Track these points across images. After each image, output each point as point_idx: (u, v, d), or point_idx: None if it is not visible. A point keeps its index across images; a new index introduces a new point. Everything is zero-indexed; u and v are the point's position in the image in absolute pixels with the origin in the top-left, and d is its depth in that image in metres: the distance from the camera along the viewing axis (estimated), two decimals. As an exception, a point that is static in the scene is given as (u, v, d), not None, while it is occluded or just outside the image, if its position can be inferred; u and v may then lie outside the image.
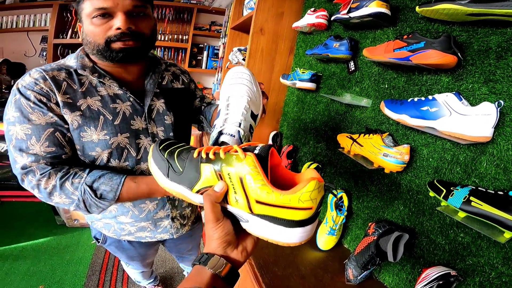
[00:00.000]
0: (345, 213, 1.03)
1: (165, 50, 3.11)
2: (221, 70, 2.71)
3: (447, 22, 0.73)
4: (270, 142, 1.68)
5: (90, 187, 0.63)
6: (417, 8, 0.71)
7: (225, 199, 0.36)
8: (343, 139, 1.01)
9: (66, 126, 0.65)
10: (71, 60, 0.69)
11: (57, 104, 0.63)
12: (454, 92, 0.66)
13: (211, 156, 0.36)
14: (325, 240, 1.03)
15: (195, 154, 0.38)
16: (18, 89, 0.62)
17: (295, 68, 1.46)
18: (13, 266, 1.73)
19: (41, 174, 0.63)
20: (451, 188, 0.66)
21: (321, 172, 1.22)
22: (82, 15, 0.62)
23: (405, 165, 0.80)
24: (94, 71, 0.68)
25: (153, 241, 0.93)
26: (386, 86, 0.92)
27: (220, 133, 0.55)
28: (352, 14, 0.90)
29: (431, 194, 0.70)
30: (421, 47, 0.71)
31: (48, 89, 0.62)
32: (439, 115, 0.66)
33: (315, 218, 0.33)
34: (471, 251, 0.68)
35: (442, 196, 0.66)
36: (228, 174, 0.34)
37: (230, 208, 0.36)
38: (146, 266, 1.23)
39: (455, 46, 0.66)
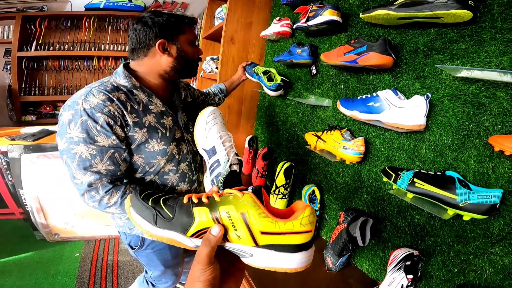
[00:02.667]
0: (319, 205, 1.10)
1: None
2: (195, 80, 2.76)
3: (385, 26, 0.83)
4: (246, 146, 1.74)
5: None
6: (360, 15, 0.80)
7: (223, 238, 0.37)
8: (309, 137, 1.09)
9: (123, 146, 0.73)
10: (120, 80, 0.77)
11: (122, 126, 0.72)
12: (392, 89, 0.75)
13: (204, 200, 0.38)
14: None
15: (185, 200, 0.39)
16: (85, 110, 0.67)
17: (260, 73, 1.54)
18: (-2, 282, 1.69)
19: (105, 192, 0.72)
20: (399, 173, 0.74)
21: (294, 169, 1.30)
22: (183, 39, 0.81)
23: (362, 156, 0.88)
24: (143, 90, 0.79)
25: None
26: (342, 87, 1.02)
27: (230, 165, 0.69)
28: (310, 23, 1.00)
29: (384, 179, 0.78)
30: (364, 50, 0.80)
31: (115, 112, 0.70)
32: (381, 109, 0.75)
33: (313, 242, 0.37)
34: (427, 232, 0.75)
35: (392, 180, 0.75)
36: (227, 213, 0.36)
37: (230, 245, 0.37)
38: (177, 275, 1.18)
39: (389, 48, 0.76)
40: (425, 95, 0.69)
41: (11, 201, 2.03)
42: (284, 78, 1.36)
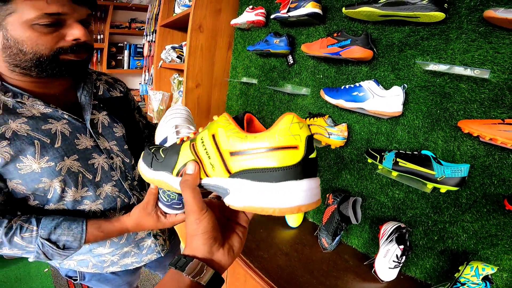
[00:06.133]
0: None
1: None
2: (148, 70, 2.55)
3: (364, 21, 0.91)
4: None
5: (48, 239, 0.59)
6: (343, 10, 0.86)
7: (204, 176, 0.33)
8: (292, 125, 1.14)
9: None
10: None
11: None
12: (373, 80, 0.84)
13: (191, 135, 0.37)
14: (294, 218, 1.15)
15: (178, 141, 0.38)
16: None
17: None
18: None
19: None
20: (382, 154, 0.85)
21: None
22: (13, 19, 0.49)
23: (345, 140, 0.97)
24: (5, 90, 0.55)
25: (141, 265, 0.86)
26: (321, 76, 1.09)
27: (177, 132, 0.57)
28: (291, 14, 1.02)
29: (369, 160, 0.88)
30: (347, 43, 0.87)
31: None
32: (365, 98, 0.84)
33: (311, 170, 0.26)
34: (407, 205, 0.86)
35: (378, 161, 0.84)
36: (201, 139, 0.31)
37: (208, 181, 0.32)
38: None
39: (371, 42, 0.84)
40: (402, 86, 0.79)
41: None
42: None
